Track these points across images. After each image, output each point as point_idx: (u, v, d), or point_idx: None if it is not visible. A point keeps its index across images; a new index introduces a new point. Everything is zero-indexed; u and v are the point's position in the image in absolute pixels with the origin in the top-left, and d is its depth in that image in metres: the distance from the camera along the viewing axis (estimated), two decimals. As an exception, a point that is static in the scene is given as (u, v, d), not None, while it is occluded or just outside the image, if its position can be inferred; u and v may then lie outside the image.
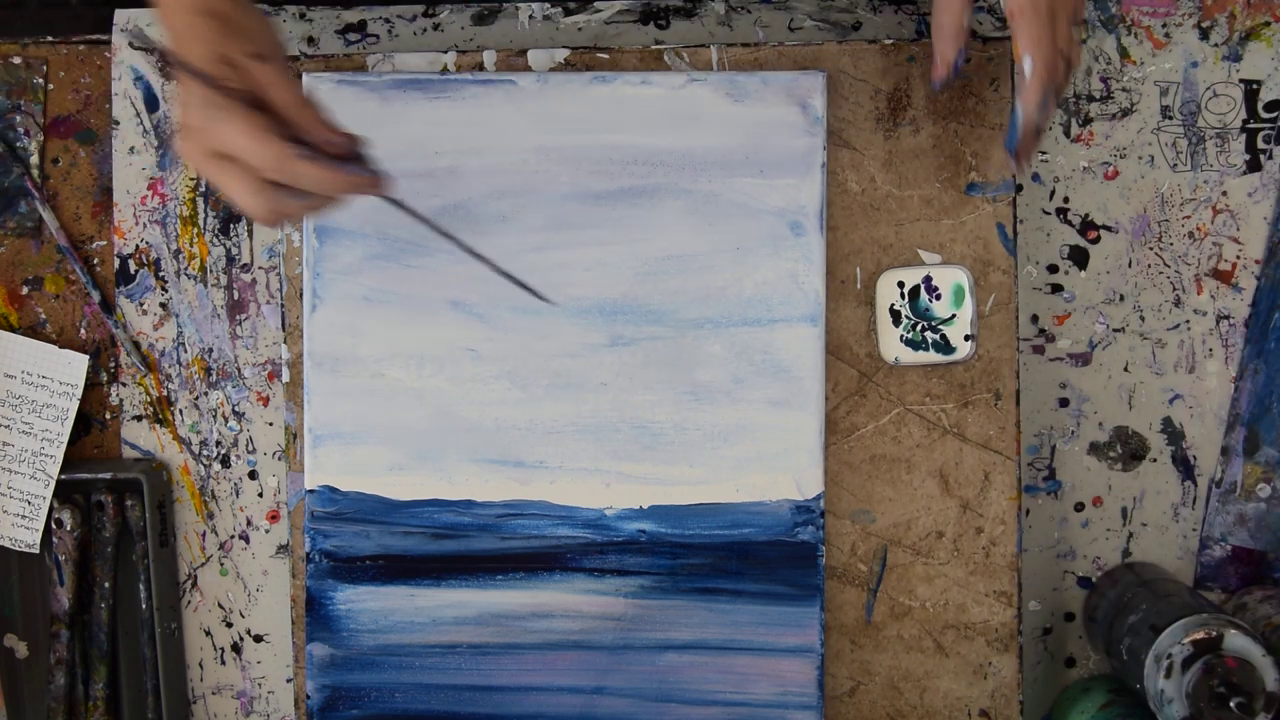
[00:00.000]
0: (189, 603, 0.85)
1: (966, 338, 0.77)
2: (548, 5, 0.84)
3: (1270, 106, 0.83)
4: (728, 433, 0.78)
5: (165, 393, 0.85)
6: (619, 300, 0.78)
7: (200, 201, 0.84)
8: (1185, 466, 0.85)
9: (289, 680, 0.85)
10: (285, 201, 0.60)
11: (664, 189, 0.78)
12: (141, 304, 0.84)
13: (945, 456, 0.79)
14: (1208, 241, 0.84)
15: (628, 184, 0.78)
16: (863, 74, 0.79)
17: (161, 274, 0.84)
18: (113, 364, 0.85)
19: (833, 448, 0.80)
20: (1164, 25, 0.83)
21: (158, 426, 0.85)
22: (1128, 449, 0.85)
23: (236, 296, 0.84)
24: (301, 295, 0.79)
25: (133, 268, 0.84)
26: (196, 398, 0.85)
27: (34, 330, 0.85)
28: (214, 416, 0.85)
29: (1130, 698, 0.81)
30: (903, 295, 0.78)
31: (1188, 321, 0.84)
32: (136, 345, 0.84)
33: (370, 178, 0.63)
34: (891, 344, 0.78)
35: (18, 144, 0.84)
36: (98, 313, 0.85)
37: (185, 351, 0.85)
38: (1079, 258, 0.84)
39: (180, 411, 0.85)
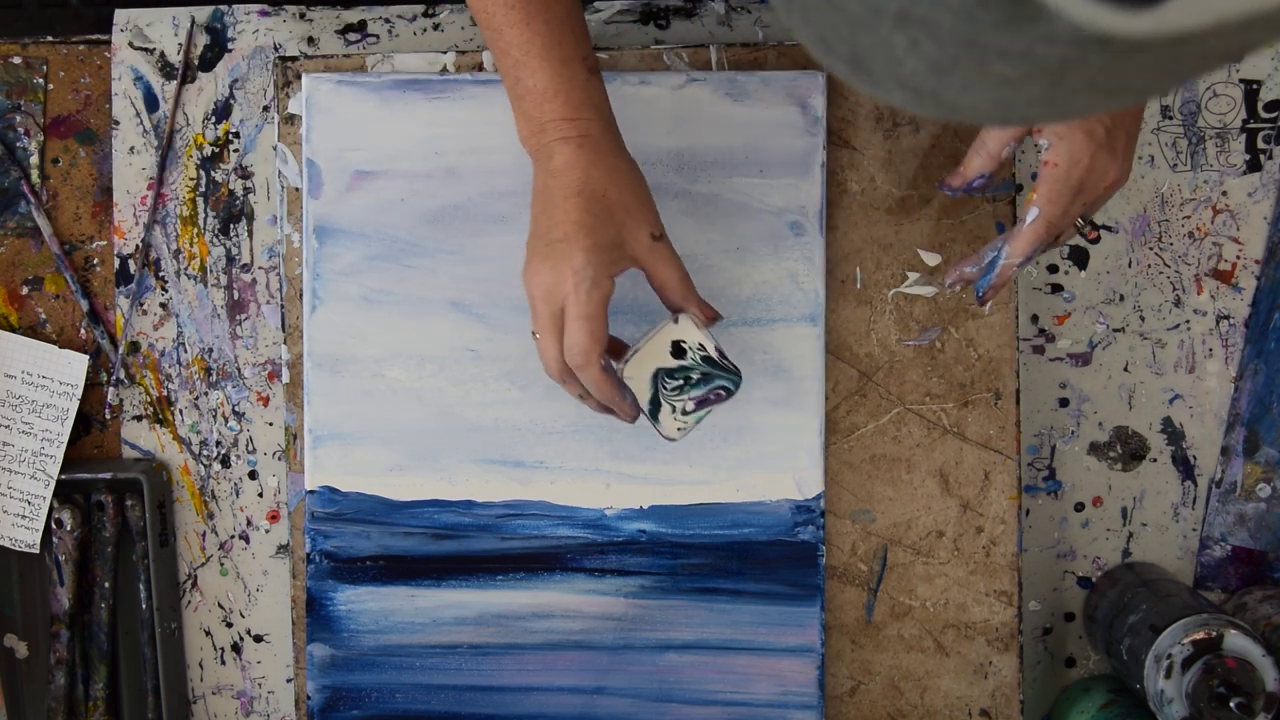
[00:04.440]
0: (189, 603, 0.85)
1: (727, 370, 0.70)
2: (548, 5, 0.84)
3: (1270, 106, 0.83)
4: (728, 433, 0.78)
5: (165, 393, 0.85)
6: (619, 300, 0.78)
7: (200, 201, 0.84)
8: (1185, 466, 0.85)
9: (289, 680, 0.85)
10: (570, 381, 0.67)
11: (664, 189, 0.78)
12: (141, 304, 0.84)
13: (945, 456, 0.79)
14: (1208, 241, 0.84)
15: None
16: (863, 74, 0.79)
17: (161, 274, 0.84)
18: (112, 364, 0.85)
19: (833, 447, 0.80)
20: (1164, 25, 0.83)
21: (158, 426, 0.85)
22: (1128, 449, 0.85)
23: (236, 296, 0.84)
24: (301, 295, 0.79)
25: (132, 268, 0.84)
26: (196, 398, 0.85)
27: (34, 330, 0.85)
28: (214, 416, 0.85)
29: (1130, 698, 0.81)
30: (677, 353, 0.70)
31: (1188, 321, 0.84)
32: (129, 350, 0.84)
33: (631, 411, 0.68)
34: (669, 421, 0.70)
35: (18, 145, 0.84)
36: (98, 314, 0.85)
37: (185, 351, 0.85)
38: (1079, 258, 0.84)
39: (180, 411, 0.85)
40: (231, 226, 0.84)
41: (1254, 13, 0.25)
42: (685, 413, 0.69)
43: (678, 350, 0.69)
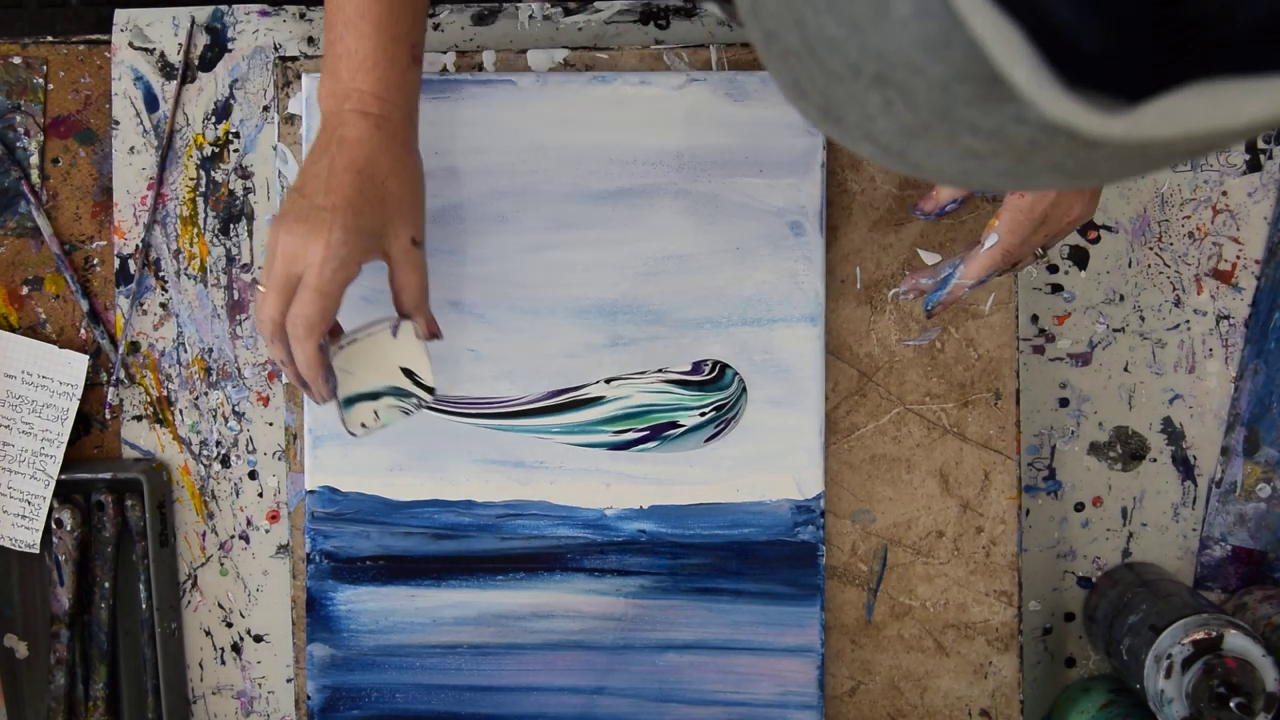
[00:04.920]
0: (189, 603, 0.85)
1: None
2: (548, 5, 0.84)
3: (1270, 106, 0.83)
4: (728, 433, 0.78)
5: (165, 393, 0.85)
6: (619, 300, 0.78)
7: (200, 201, 0.84)
8: (1185, 466, 0.85)
9: (289, 680, 0.85)
10: (278, 344, 0.65)
11: (664, 189, 0.78)
12: (141, 304, 0.84)
13: (945, 456, 0.79)
14: (1208, 241, 0.84)
15: (628, 184, 0.78)
16: (863, 74, 0.79)
17: (161, 274, 0.84)
18: (112, 364, 0.85)
19: (833, 447, 0.80)
20: (1164, 25, 0.83)
21: (158, 426, 0.85)
22: (1128, 449, 0.85)
23: (236, 296, 0.84)
24: (301, 295, 0.79)
25: (132, 268, 0.84)
26: (196, 398, 0.85)
27: (34, 330, 0.85)
28: (214, 416, 0.85)
29: (1130, 698, 0.81)
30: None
31: (1188, 321, 0.84)
32: (129, 350, 0.84)
33: (326, 395, 0.67)
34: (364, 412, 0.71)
35: (18, 145, 0.84)
36: (98, 314, 0.85)
37: (185, 351, 0.85)
38: (1079, 258, 0.84)
39: (180, 411, 0.85)
40: (231, 226, 0.84)
41: (1222, 130, 0.26)
42: (378, 419, 0.70)
43: (409, 375, 0.70)
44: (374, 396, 0.70)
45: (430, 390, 0.70)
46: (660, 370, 0.75)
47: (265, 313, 0.64)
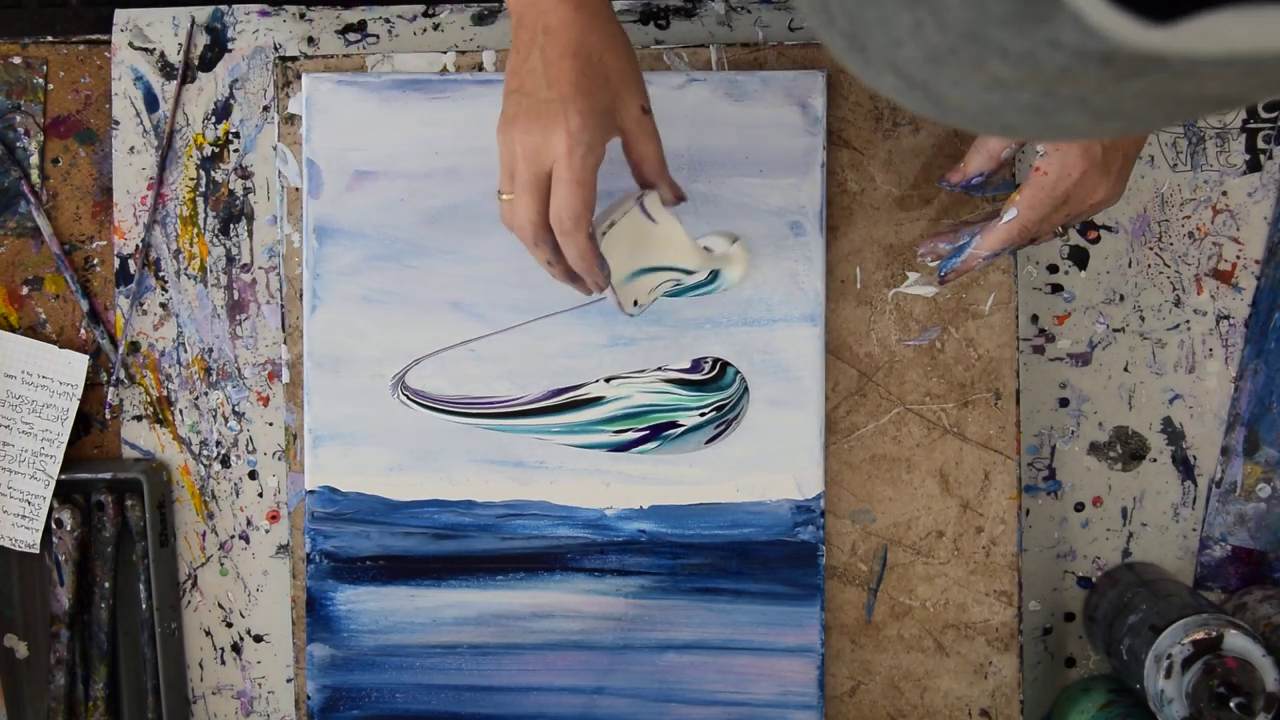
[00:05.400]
0: (189, 603, 0.85)
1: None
2: (548, 5, 0.84)
3: (1270, 106, 0.83)
4: (728, 432, 0.78)
5: (165, 393, 0.85)
6: (619, 300, 0.78)
7: (200, 201, 0.84)
8: (1185, 466, 0.85)
9: (289, 680, 0.85)
10: (545, 246, 0.64)
11: (664, 189, 0.78)
12: (141, 304, 0.84)
13: (945, 456, 0.79)
14: (1208, 241, 0.84)
15: (627, 184, 0.78)
16: (863, 74, 0.79)
17: (161, 274, 0.84)
18: (112, 364, 0.85)
19: (833, 447, 0.80)
20: (1164, 25, 0.83)
21: (158, 426, 0.85)
22: (1128, 449, 0.85)
23: (236, 296, 0.84)
24: (301, 295, 0.79)
25: (132, 268, 0.84)
26: (196, 398, 0.85)
27: (34, 330, 0.85)
28: (214, 416, 0.85)
29: (1130, 698, 0.81)
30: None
31: (1188, 321, 0.84)
32: (129, 350, 0.84)
33: (603, 281, 0.66)
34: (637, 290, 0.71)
35: (18, 145, 0.84)
36: (98, 314, 0.85)
37: (185, 351, 0.85)
38: (1079, 258, 0.84)
39: (180, 411, 0.85)
40: (231, 226, 0.84)
41: (1265, 53, 0.25)
42: (651, 294, 0.69)
43: (671, 245, 0.69)
44: (642, 273, 0.69)
45: (707, 250, 0.68)
46: (660, 368, 0.75)
47: (523, 217, 0.62)
